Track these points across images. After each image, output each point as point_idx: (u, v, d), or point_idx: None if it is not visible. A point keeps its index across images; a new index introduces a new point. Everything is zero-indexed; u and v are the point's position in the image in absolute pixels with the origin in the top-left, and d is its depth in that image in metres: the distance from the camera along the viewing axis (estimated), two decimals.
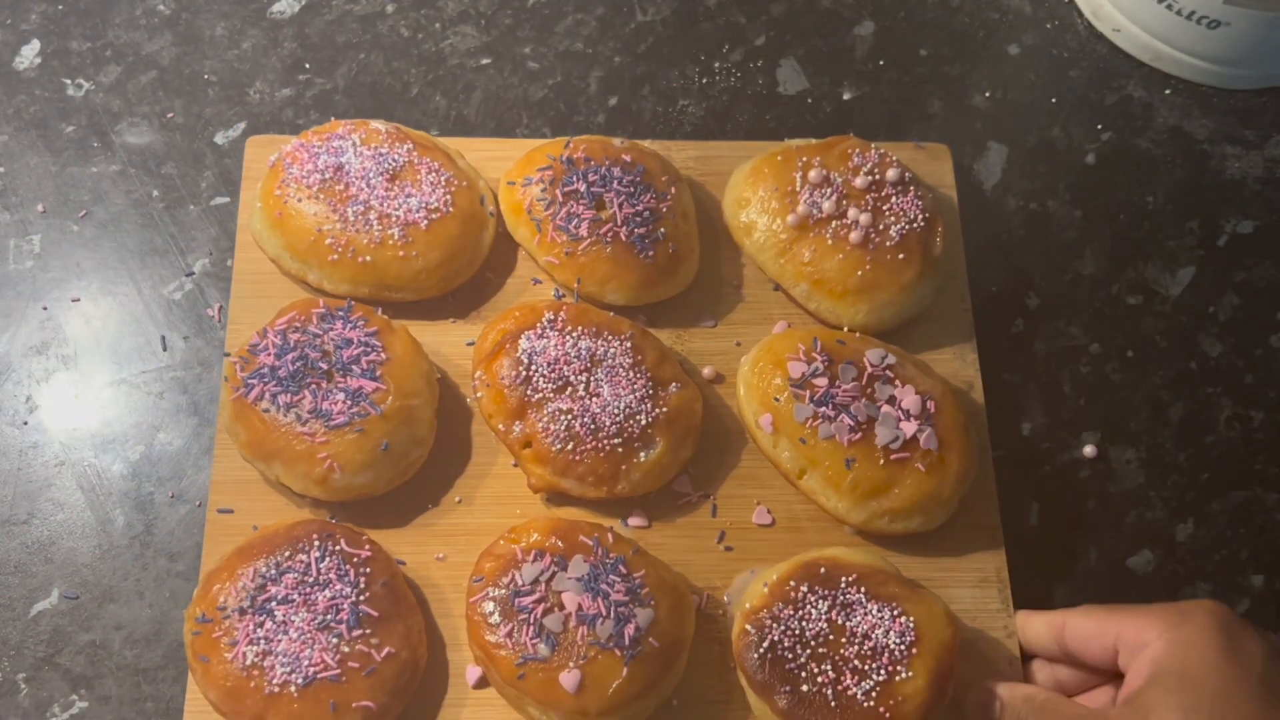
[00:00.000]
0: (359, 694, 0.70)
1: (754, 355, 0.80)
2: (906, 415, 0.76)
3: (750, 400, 0.79)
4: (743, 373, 0.80)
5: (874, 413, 0.76)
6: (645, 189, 0.82)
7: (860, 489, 0.76)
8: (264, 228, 0.82)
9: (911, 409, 0.76)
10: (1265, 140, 0.95)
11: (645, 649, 0.70)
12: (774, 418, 0.77)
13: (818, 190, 0.82)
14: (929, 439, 0.75)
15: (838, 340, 0.79)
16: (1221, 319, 0.90)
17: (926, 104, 0.95)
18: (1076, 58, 0.97)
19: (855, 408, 0.75)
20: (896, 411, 0.76)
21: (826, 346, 0.78)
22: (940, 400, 0.77)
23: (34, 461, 0.81)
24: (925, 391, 0.77)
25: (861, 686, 0.70)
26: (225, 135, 0.90)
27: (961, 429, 0.78)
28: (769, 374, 0.79)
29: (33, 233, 0.86)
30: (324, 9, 0.95)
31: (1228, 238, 0.92)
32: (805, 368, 0.77)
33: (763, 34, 0.97)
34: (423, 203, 0.81)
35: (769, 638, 0.71)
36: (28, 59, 0.92)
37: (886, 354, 0.78)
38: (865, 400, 0.76)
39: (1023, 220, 0.92)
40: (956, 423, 0.78)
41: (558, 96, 0.94)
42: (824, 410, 0.76)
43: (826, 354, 0.77)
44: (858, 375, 0.77)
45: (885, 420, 0.75)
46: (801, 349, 0.78)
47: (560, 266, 0.81)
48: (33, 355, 0.83)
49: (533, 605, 0.71)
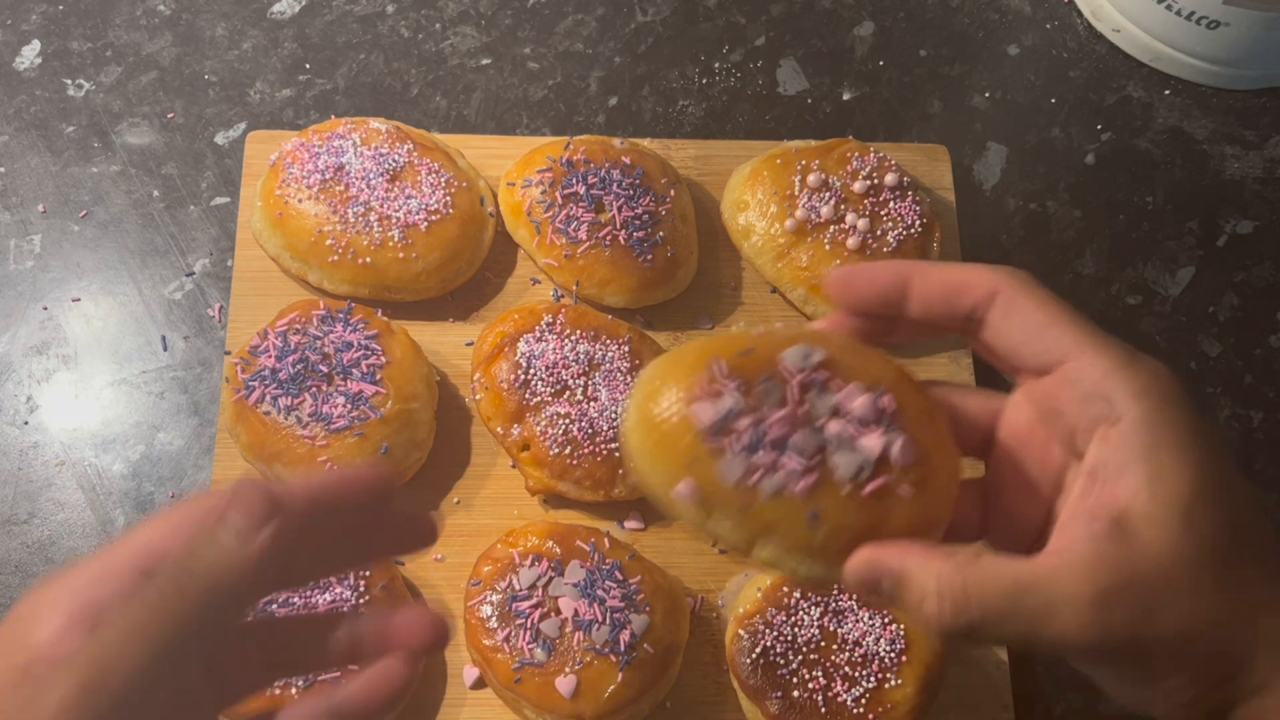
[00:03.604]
0: None
1: (638, 401, 0.50)
2: (862, 425, 0.50)
3: (655, 468, 0.49)
4: (629, 430, 0.50)
5: (821, 438, 0.50)
6: (644, 192, 0.82)
7: (836, 546, 0.50)
8: (264, 227, 0.82)
9: (864, 414, 0.51)
10: (1265, 140, 0.95)
11: (640, 654, 0.71)
12: (696, 484, 0.49)
13: (816, 194, 0.82)
14: (903, 449, 0.50)
15: (739, 352, 0.51)
16: (1221, 319, 0.90)
17: (926, 104, 0.95)
18: (1076, 58, 0.97)
19: (796, 440, 0.49)
20: (848, 426, 0.50)
21: (732, 367, 0.50)
22: (895, 386, 0.52)
23: (34, 461, 0.81)
24: (873, 383, 0.52)
25: (851, 693, 0.70)
26: (226, 135, 0.90)
27: (931, 415, 0.54)
28: (664, 429, 0.51)
29: (33, 233, 0.87)
30: (324, 9, 0.95)
31: (1227, 238, 0.92)
32: (717, 407, 0.49)
33: (762, 34, 0.97)
34: (422, 204, 0.81)
35: (761, 643, 0.71)
36: (28, 59, 0.92)
37: (809, 350, 0.51)
38: (805, 426, 0.50)
39: (1022, 220, 0.92)
40: (925, 410, 0.54)
41: (558, 97, 0.94)
42: (759, 458, 0.49)
43: (736, 376, 0.50)
44: (783, 394, 0.50)
45: (839, 443, 0.50)
46: (703, 380, 0.50)
47: (559, 269, 0.82)
48: (33, 355, 0.84)
49: (530, 610, 0.71)
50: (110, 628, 0.41)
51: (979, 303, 0.47)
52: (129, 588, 0.43)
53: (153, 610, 0.41)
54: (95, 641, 0.41)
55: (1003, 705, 0.76)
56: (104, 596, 0.43)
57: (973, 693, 0.76)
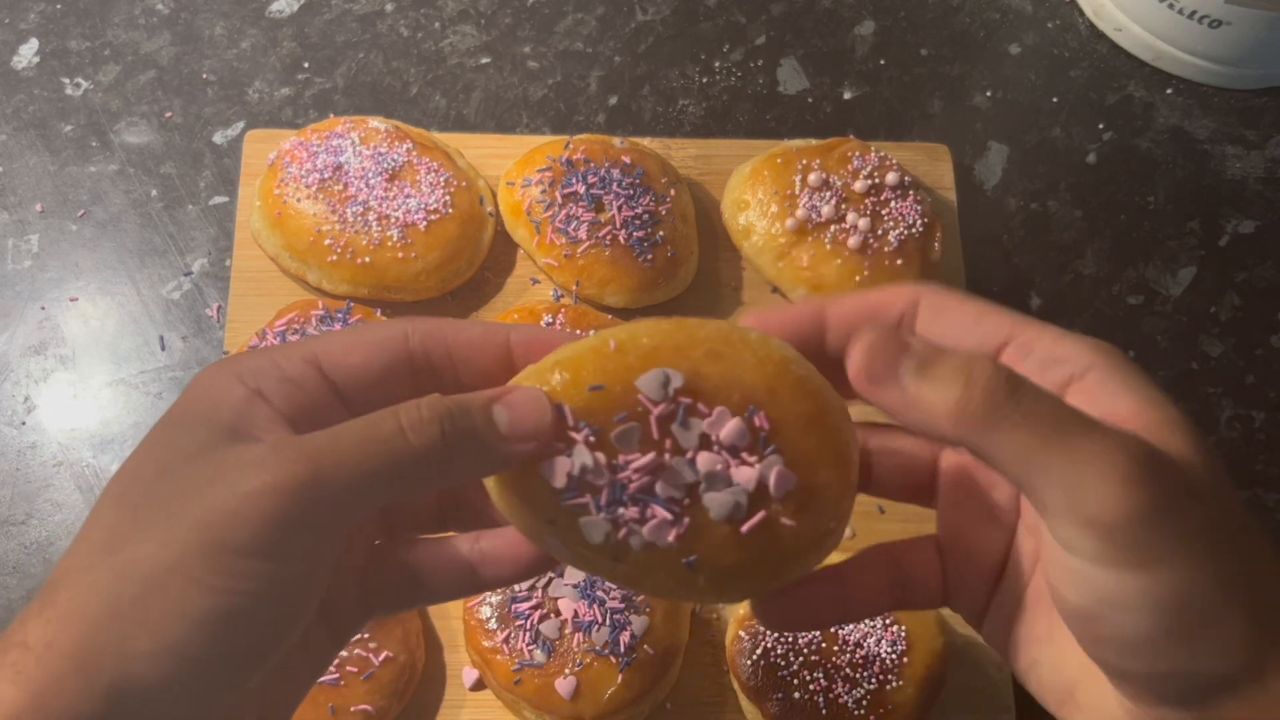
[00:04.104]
0: (357, 698, 0.70)
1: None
2: (735, 456, 0.45)
3: (517, 522, 0.45)
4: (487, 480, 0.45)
5: (690, 477, 0.44)
6: (644, 191, 0.82)
7: (721, 585, 0.46)
8: (263, 226, 0.82)
9: (737, 441, 0.45)
10: (1266, 140, 0.95)
11: (640, 656, 0.71)
12: (562, 542, 0.45)
13: (817, 194, 0.82)
14: (779, 479, 0.45)
15: (590, 387, 0.44)
16: (1223, 319, 0.90)
17: (927, 104, 0.95)
18: (1077, 57, 0.97)
19: (662, 487, 0.44)
20: (719, 458, 0.45)
21: (581, 410, 0.44)
22: (770, 397, 0.45)
23: (32, 462, 0.81)
24: (744, 399, 0.45)
25: (853, 695, 0.70)
26: (224, 135, 0.90)
27: (814, 419, 0.45)
28: (519, 485, 0.45)
29: (31, 232, 0.86)
30: (323, 8, 0.94)
31: (1229, 238, 0.92)
32: (567, 464, 0.44)
33: (763, 33, 0.96)
34: (422, 204, 0.81)
35: (762, 644, 0.71)
36: (26, 58, 0.91)
37: (666, 375, 0.44)
38: (671, 466, 0.44)
39: (1023, 220, 0.92)
40: (807, 415, 0.45)
41: (558, 96, 0.93)
42: (622, 515, 0.44)
43: (587, 420, 0.44)
44: (643, 434, 0.44)
45: (710, 481, 0.45)
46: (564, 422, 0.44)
47: (559, 269, 0.81)
48: (31, 355, 0.83)
49: (529, 611, 0.71)
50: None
51: (903, 314, 0.46)
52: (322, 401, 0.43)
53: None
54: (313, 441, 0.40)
55: (1004, 706, 0.76)
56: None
57: (974, 694, 0.76)
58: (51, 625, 0.37)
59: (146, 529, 0.38)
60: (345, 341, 0.44)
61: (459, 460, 0.41)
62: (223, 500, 0.37)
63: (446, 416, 0.40)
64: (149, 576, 0.37)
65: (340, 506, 0.39)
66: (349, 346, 0.44)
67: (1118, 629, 0.39)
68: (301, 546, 0.39)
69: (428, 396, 0.41)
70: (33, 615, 0.38)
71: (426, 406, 0.40)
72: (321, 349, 0.43)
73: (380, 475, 0.39)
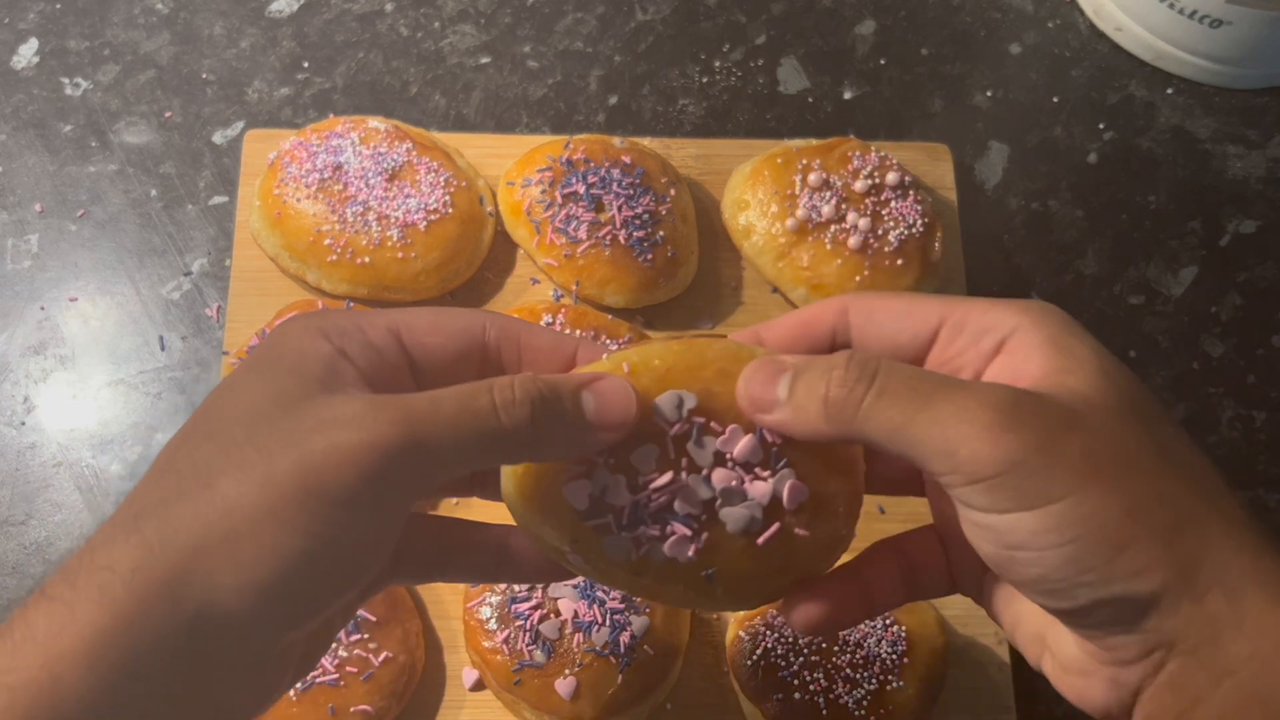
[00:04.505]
0: (357, 698, 0.70)
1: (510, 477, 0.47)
2: (748, 471, 0.47)
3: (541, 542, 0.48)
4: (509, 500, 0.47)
5: (706, 493, 0.47)
6: (644, 191, 0.82)
7: (737, 594, 0.49)
8: (262, 226, 0.82)
9: (750, 457, 0.47)
10: (1268, 140, 0.94)
11: (640, 656, 0.70)
12: (584, 560, 0.47)
13: (817, 194, 0.82)
14: (792, 492, 0.47)
15: None
16: (1224, 319, 0.90)
17: (927, 103, 0.95)
18: (1078, 57, 0.97)
19: (680, 505, 0.46)
20: (733, 474, 0.47)
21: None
22: None
23: (31, 462, 0.81)
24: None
25: (853, 695, 0.70)
26: (224, 134, 0.90)
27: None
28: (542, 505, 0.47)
29: (30, 232, 0.86)
30: (322, 8, 0.94)
31: (1230, 238, 0.92)
32: (589, 486, 0.46)
33: (763, 33, 0.96)
34: (421, 204, 0.80)
35: (762, 644, 0.71)
36: (25, 58, 0.91)
37: (680, 397, 0.46)
38: (686, 487, 0.46)
39: (1024, 220, 0.92)
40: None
41: (558, 95, 0.93)
42: (643, 533, 0.47)
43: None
44: (659, 454, 0.46)
45: (726, 496, 0.47)
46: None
47: (559, 268, 0.81)
48: (30, 355, 0.83)
49: (529, 612, 0.71)
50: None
51: (835, 325, 0.48)
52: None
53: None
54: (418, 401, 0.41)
55: (1004, 707, 0.76)
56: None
57: (974, 694, 0.76)
58: (138, 551, 0.39)
59: (244, 469, 0.39)
60: (428, 321, 0.46)
61: (545, 441, 0.43)
62: (323, 451, 0.39)
63: (539, 398, 0.42)
64: (245, 515, 0.39)
65: (430, 470, 0.41)
66: (431, 326, 0.46)
67: (1030, 570, 0.40)
68: (390, 502, 0.41)
69: (520, 375, 0.43)
70: (118, 540, 0.39)
71: (519, 387, 0.42)
72: (405, 323, 0.46)
73: (471, 447, 0.41)
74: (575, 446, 0.44)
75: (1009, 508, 0.39)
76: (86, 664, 0.37)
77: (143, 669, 0.38)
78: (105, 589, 0.38)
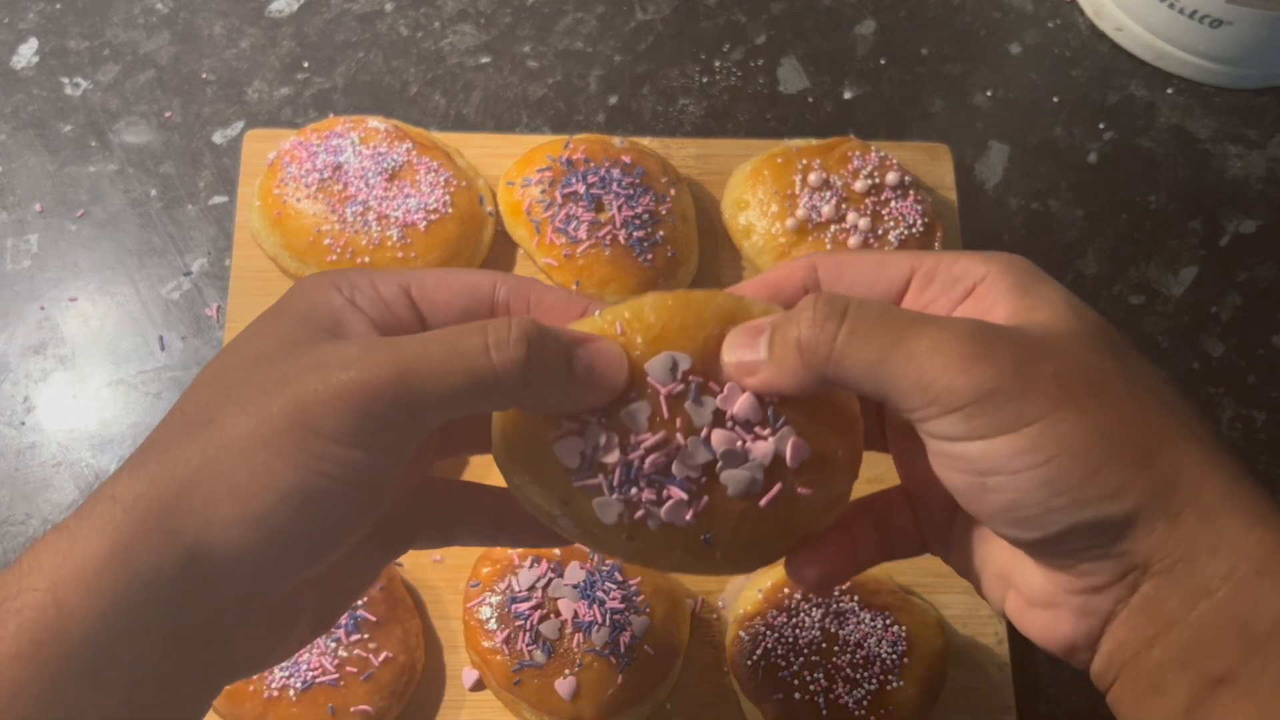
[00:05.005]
0: (357, 698, 0.70)
1: (499, 431, 0.47)
2: (748, 430, 0.45)
3: (530, 503, 0.47)
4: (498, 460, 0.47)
5: (705, 456, 0.45)
6: (644, 191, 0.82)
7: (736, 558, 0.47)
8: (262, 226, 0.82)
9: (750, 416, 0.45)
10: (1268, 140, 0.94)
11: (640, 656, 0.70)
12: (576, 522, 0.46)
13: (817, 194, 0.82)
14: (795, 450, 0.46)
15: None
16: (1224, 319, 0.89)
17: (928, 103, 0.95)
18: (1078, 57, 0.97)
19: (677, 467, 0.45)
20: (734, 435, 0.45)
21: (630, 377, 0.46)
22: None
23: (31, 462, 0.81)
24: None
25: (853, 695, 0.70)
26: (223, 134, 0.90)
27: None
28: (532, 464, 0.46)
29: (30, 232, 0.86)
30: (322, 7, 0.94)
31: (1230, 237, 0.92)
32: (580, 444, 0.45)
33: (763, 33, 0.96)
34: (421, 204, 0.80)
35: (762, 645, 0.71)
36: (25, 58, 0.91)
37: (674, 359, 0.45)
38: (684, 449, 0.45)
39: (1024, 220, 0.92)
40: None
41: (557, 95, 0.93)
42: (635, 495, 0.45)
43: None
44: (651, 411, 0.45)
45: (729, 459, 0.45)
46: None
47: (559, 268, 0.81)
48: (30, 355, 0.83)
49: (529, 612, 0.71)
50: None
51: (805, 283, 0.48)
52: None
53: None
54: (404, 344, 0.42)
55: (1005, 707, 0.76)
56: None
57: (975, 694, 0.76)
58: (140, 482, 0.40)
59: (241, 405, 0.41)
60: (438, 278, 0.47)
61: (536, 385, 0.42)
62: (315, 388, 0.40)
63: (535, 339, 0.42)
64: (240, 446, 0.40)
65: (420, 410, 0.41)
66: (440, 283, 0.46)
67: (1003, 496, 0.40)
68: (384, 441, 0.41)
69: (520, 317, 0.43)
70: (124, 473, 0.40)
71: (516, 326, 0.42)
72: (415, 279, 0.46)
73: (460, 386, 0.41)
74: (563, 398, 0.44)
75: (984, 433, 0.40)
76: (86, 587, 0.38)
77: (140, 596, 0.38)
78: (108, 517, 0.39)
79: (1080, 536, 0.40)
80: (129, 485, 0.40)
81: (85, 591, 0.38)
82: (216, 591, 0.40)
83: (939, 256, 0.46)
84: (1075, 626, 0.42)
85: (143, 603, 0.38)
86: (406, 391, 0.40)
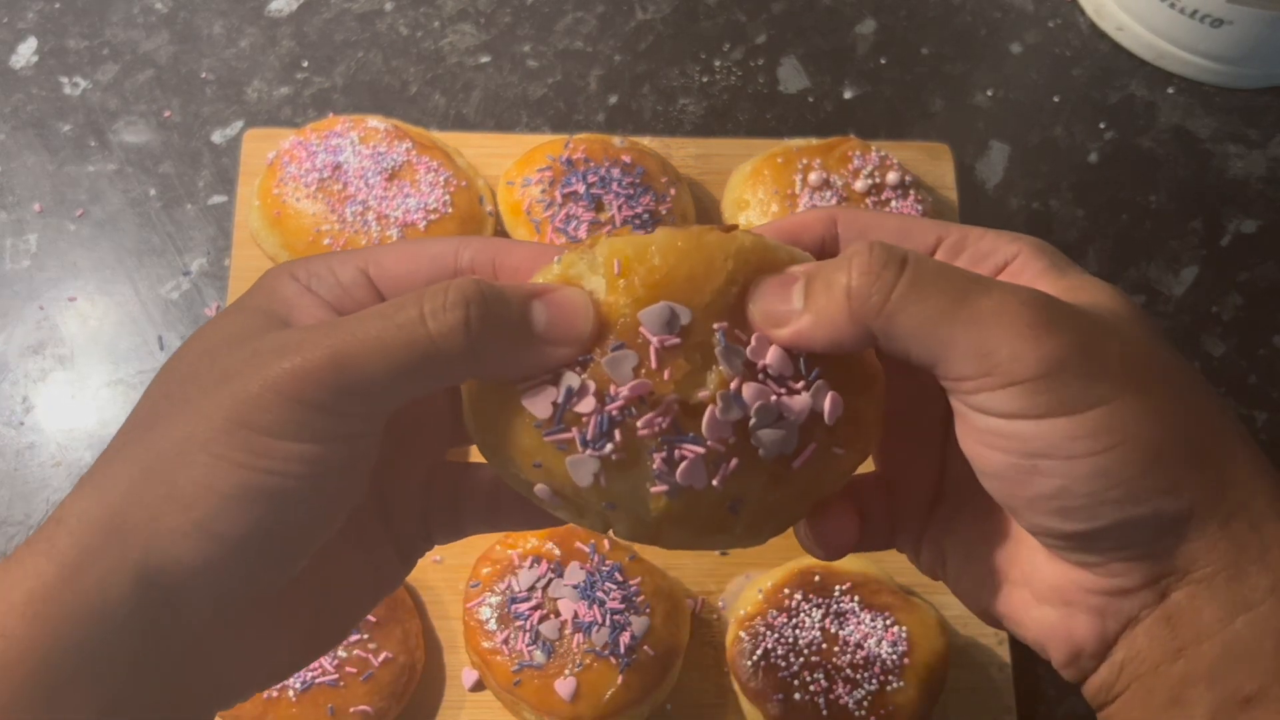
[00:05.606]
0: (356, 699, 0.70)
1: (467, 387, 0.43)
2: (780, 383, 0.40)
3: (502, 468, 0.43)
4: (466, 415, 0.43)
5: (739, 411, 0.40)
6: (644, 191, 0.82)
7: (758, 525, 0.43)
8: (262, 226, 0.81)
9: (783, 370, 0.40)
10: (1268, 139, 0.94)
11: (640, 657, 0.70)
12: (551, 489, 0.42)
13: (817, 193, 0.82)
14: (833, 405, 0.41)
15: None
16: (1225, 319, 0.89)
17: (928, 103, 0.95)
18: (1079, 56, 0.97)
19: (711, 423, 0.40)
20: (769, 390, 0.40)
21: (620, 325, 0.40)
22: None
23: (30, 462, 0.81)
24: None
25: (853, 695, 0.70)
26: (223, 134, 0.90)
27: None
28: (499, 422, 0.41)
29: (29, 232, 0.86)
30: (322, 7, 0.94)
31: (1231, 237, 0.92)
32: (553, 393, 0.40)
33: (763, 32, 0.96)
34: (421, 203, 0.80)
35: (762, 645, 0.71)
36: (24, 57, 0.91)
37: (672, 310, 0.40)
38: (718, 406, 0.40)
39: (1025, 220, 0.92)
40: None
41: (557, 95, 0.93)
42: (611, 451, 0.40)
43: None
44: (638, 363, 0.40)
45: (762, 414, 0.40)
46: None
47: None
48: (29, 355, 0.83)
49: (529, 612, 0.71)
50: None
51: (824, 236, 0.44)
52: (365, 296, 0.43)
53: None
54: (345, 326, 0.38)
55: (1005, 708, 0.76)
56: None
57: (975, 695, 0.76)
58: (85, 499, 0.38)
59: (181, 408, 0.38)
60: (398, 253, 0.43)
61: (485, 354, 0.39)
62: (249, 383, 0.37)
63: (476, 301, 0.38)
64: (176, 450, 0.37)
65: (363, 393, 0.38)
66: (400, 258, 0.43)
67: (1051, 483, 0.37)
68: (329, 431, 0.38)
69: (459, 279, 0.39)
70: (74, 492, 0.38)
71: (454, 289, 0.38)
72: (373, 258, 0.43)
73: (402, 365, 0.38)
74: (519, 361, 0.39)
75: (1044, 413, 0.36)
76: (33, 615, 0.35)
77: (90, 619, 0.36)
78: (53, 540, 0.37)
79: (1125, 533, 0.37)
80: (73, 504, 0.38)
81: (31, 619, 0.35)
82: (180, 607, 0.37)
83: (965, 229, 0.43)
84: (1089, 630, 0.39)
85: (94, 625, 0.36)
86: (343, 374, 0.37)
